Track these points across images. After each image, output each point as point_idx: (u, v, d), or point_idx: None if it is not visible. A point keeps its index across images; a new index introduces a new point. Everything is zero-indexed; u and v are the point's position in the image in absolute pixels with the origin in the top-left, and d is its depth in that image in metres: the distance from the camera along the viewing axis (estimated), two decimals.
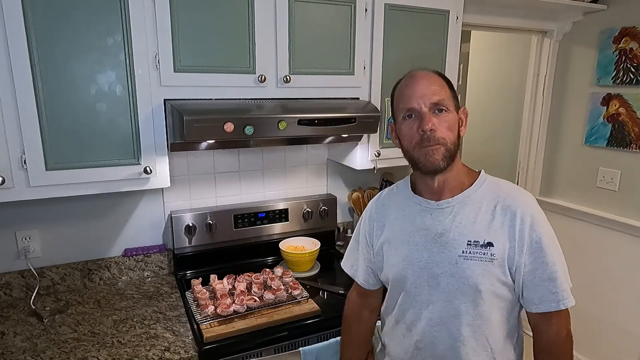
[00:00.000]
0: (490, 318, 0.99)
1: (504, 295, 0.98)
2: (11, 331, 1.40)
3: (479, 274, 0.96)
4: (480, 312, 0.98)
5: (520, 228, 0.95)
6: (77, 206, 1.68)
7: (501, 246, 0.95)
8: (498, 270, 0.96)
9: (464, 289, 0.97)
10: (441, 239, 1.00)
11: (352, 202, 2.12)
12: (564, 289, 0.96)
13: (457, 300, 0.99)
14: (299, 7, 1.54)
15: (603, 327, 2.52)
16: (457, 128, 1.00)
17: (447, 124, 0.96)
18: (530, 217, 0.96)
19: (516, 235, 0.95)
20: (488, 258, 0.95)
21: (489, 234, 0.96)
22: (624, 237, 2.37)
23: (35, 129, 1.27)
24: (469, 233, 0.98)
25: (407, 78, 1.02)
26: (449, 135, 0.96)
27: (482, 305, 0.97)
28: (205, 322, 1.39)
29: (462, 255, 0.97)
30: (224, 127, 1.34)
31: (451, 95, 1.00)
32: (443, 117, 0.96)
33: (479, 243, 0.96)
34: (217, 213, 1.84)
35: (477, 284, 0.96)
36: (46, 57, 1.25)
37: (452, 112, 0.98)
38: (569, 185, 2.65)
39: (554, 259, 0.96)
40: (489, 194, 1.00)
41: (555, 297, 0.95)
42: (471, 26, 2.37)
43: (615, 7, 2.29)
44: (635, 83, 2.23)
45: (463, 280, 0.97)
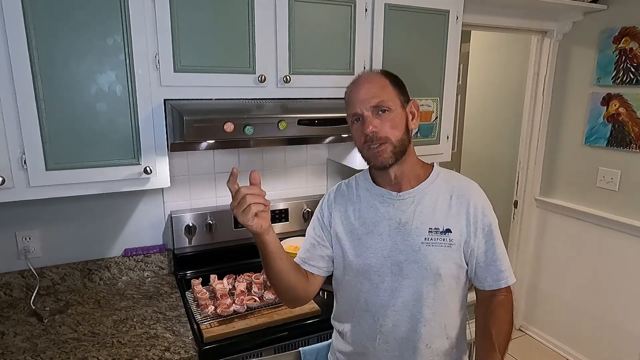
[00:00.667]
0: (447, 299, 1.08)
1: (460, 278, 1.09)
2: (11, 331, 1.40)
3: (439, 258, 1.05)
4: (440, 295, 1.07)
5: (474, 215, 1.06)
6: (77, 206, 1.68)
7: (458, 232, 1.05)
8: (456, 254, 1.06)
9: (426, 273, 1.05)
10: (404, 228, 1.07)
11: None
12: (508, 267, 1.10)
13: (419, 285, 1.06)
14: (299, 7, 1.54)
15: (603, 327, 2.52)
16: (403, 124, 1.05)
17: (390, 122, 1.02)
18: (482, 205, 1.08)
19: (471, 222, 1.06)
20: (447, 243, 1.05)
21: (447, 222, 1.06)
22: (624, 237, 2.38)
23: (35, 129, 1.27)
24: (430, 221, 1.06)
25: (352, 84, 1.09)
26: (393, 132, 1.03)
27: (441, 287, 1.06)
28: (205, 322, 1.39)
29: (425, 242, 1.05)
30: (224, 127, 1.34)
31: (395, 94, 1.04)
32: (385, 117, 1.02)
33: (439, 230, 1.05)
34: (217, 213, 1.84)
35: (438, 268, 1.05)
36: (46, 57, 1.25)
37: (395, 110, 1.03)
38: (569, 185, 2.66)
39: (500, 241, 1.09)
40: (444, 185, 1.10)
41: (503, 274, 1.08)
42: (471, 26, 2.37)
43: (615, 7, 2.30)
44: (635, 83, 2.23)
45: (425, 265, 1.05)
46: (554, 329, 2.84)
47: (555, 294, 2.80)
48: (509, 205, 2.99)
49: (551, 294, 2.83)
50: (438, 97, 1.91)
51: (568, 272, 2.70)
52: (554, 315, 2.82)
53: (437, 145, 1.96)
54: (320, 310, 1.49)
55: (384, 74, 1.08)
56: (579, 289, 2.65)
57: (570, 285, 2.70)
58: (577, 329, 2.68)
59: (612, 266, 2.45)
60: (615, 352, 2.47)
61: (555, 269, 2.78)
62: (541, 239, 2.86)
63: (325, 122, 1.50)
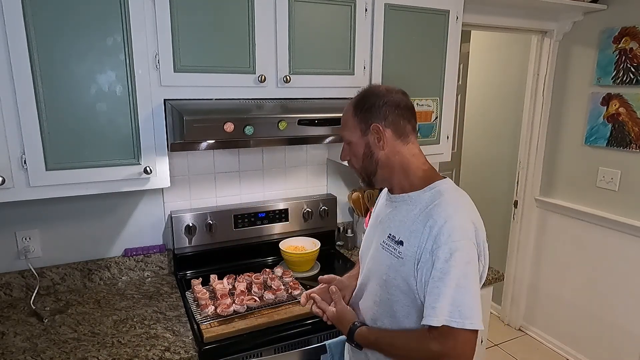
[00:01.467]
0: (395, 309, 1.06)
1: (411, 296, 1.02)
2: (11, 331, 1.40)
3: (386, 265, 1.06)
4: (387, 299, 1.07)
5: (429, 238, 0.98)
6: (77, 206, 1.68)
7: (409, 248, 1.01)
8: (404, 268, 1.02)
9: (377, 273, 1.10)
10: (380, 226, 1.14)
11: (352, 202, 2.12)
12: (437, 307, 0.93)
13: (373, 281, 1.12)
14: (299, 7, 1.54)
15: (603, 327, 2.52)
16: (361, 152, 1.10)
17: (351, 153, 1.13)
18: (445, 233, 0.96)
19: (424, 243, 0.98)
20: (396, 254, 1.04)
21: (404, 234, 1.04)
22: (624, 237, 2.38)
23: (35, 129, 1.27)
24: (393, 228, 1.08)
25: None
26: (355, 161, 1.13)
27: (387, 293, 1.07)
28: (205, 322, 1.39)
29: (382, 244, 1.09)
30: (224, 127, 1.34)
31: (356, 123, 1.09)
32: (347, 149, 1.14)
33: (395, 239, 1.06)
34: (217, 213, 1.84)
35: (383, 273, 1.07)
36: (46, 57, 1.25)
37: (354, 141, 1.11)
38: (569, 185, 2.66)
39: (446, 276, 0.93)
40: (428, 201, 1.04)
41: (427, 312, 0.95)
42: (471, 26, 2.37)
43: (615, 7, 2.30)
44: (635, 83, 2.23)
45: (377, 266, 1.10)
46: (554, 329, 2.84)
47: (555, 294, 2.80)
48: (509, 205, 2.99)
49: (551, 294, 2.83)
50: (438, 97, 1.91)
51: (568, 272, 2.70)
52: (554, 315, 2.82)
53: (437, 145, 1.96)
54: None
55: (354, 102, 1.12)
56: (579, 289, 2.65)
57: (570, 285, 2.69)
58: (577, 329, 2.68)
59: (612, 266, 2.45)
60: (615, 352, 2.47)
61: (555, 269, 2.78)
62: (541, 239, 2.86)
63: (325, 122, 1.50)
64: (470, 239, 0.97)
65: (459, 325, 0.92)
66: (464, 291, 0.93)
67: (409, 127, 1.09)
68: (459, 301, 0.93)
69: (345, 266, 1.94)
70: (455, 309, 0.92)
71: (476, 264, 0.98)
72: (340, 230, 2.16)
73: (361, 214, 2.11)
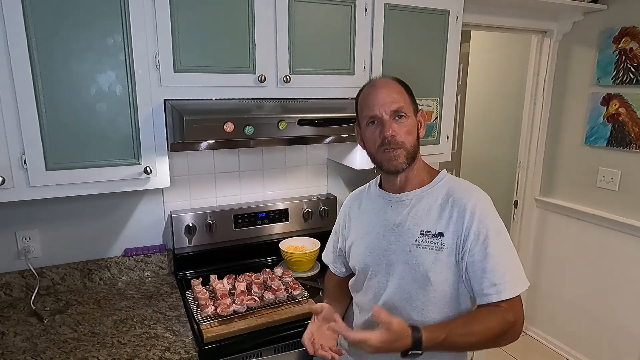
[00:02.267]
0: (439, 305, 1.05)
1: (454, 285, 1.04)
2: (11, 331, 1.40)
3: (429, 261, 1.03)
4: (430, 299, 1.05)
5: (468, 221, 1.02)
6: (77, 206, 1.68)
7: (450, 236, 1.03)
8: (447, 259, 1.03)
9: (416, 276, 1.05)
10: (398, 229, 1.10)
11: None
12: (507, 280, 0.99)
13: (409, 286, 1.07)
14: (299, 7, 1.54)
15: (603, 327, 2.52)
16: (416, 131, 1.10)
17: (406, 128, 1.07)
18: (478, 212, 1.02)
19: (463, 227, 1.02)
20: (438, 247, 1.03)
21: (440, 225, 1.04)
22: (624, 237, 2.38)
23: (35, 129, 1.27)
24: (423, 224, 1.06)
25: (369, 87, 1.12)
26: (408, 138, 1.07)
27: (431, 292, 1.05)
28: (206, 322, 1.39)
29: (415, 243, 1.06)
30: (224, 127, 1.34)
31: (410, 101, 1.10)
32: (402, 123, 1.07)
33: (431, 233, 1.05)
34: (217, 213, 1.84)
35: (427, 270, 1.04)
36: (46, 57, 1.25)
37: (411, 117, 1.08)
38: (569, 185, 2.66)
39: (498, 251, 1.00)
40: (444, 190, 1.09)
41: (496, 288, 0.98)
42: (471, 26, 2.37)
43: (615, 7, 2.29)
44: (635, 83, 2.23)
45: (415, 267, 1.05)
46: (554, 329, 2.84)
47: (555, 294, 2.80)
48: (509, 205, 2.99)
49: (551, 294, 2.83)
50: (438, 97, 1.91)
51: (568, 272, 2.70)
52: (554, 315, 2.82)
53: (437, 145, 1.96)
54: None
55: (398, 81, 1.12)
56: (579, 289, 2.65)
57: (570, 285, 2.69)
58: (577, 329, 2.67)
59: (612, 266, 2.45)
60: (615, 352, 2.47)
61: (555, 269, 2.78)
62: (541, 239, 2.86)
63: (325, 122, 1.50)
64: (496, 212, 1.06)
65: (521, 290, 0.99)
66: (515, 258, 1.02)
67: None
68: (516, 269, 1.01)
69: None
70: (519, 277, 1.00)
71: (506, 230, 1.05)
72: None
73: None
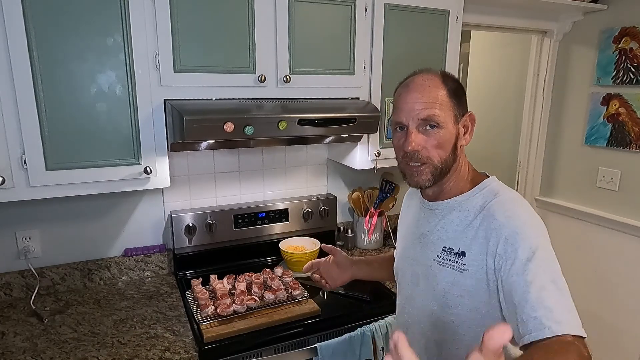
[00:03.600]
0: (460, 332, 0.90)
1: (480, 311, 0.88)
2: (11, 331, 1.40)
3: (448, 282, 0.91)
4: (448, 324, 0.92)
5: (495, 240, 0.84)
6: (77, 206, 1.68)
7: (474, 257, 0.87)
8: (470, 282, 0.87)
9: (434, 293, 0.94)
10: (424, 240, 0.99)
11: (352, 202, 2.12)
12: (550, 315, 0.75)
13: (430, 303, 0.96)
14: (299, 7, 1.54)
15: (603, 327, 2.52)
16: (452, 142, 0.92)
17: (437, 141, 0.90)
18: (511, 231, 0.83)
19: (492, 250, 0.84)
20: (459, 268, 0.89)
21: (464, 243, 0.89)
22: (624, 237, 2.37)
23: (35, 129, 1.27)
24: (447, 239, 0.93)
25: (403, 86, 0.96)
26: (437, 153, 0.91)
27: (450, 316, 0.91)
28: (205, 322, 1.39)
29: (436, 259, 0.94)
30: (224, 127, 1.34)
31: (450, 106, 0.91)
32: (433, 134, 0.90)
33: (453, 251, 0.91)
34: (217, 213, 1.84)
35: (445, 291, 0.91)
36: (46, 57, 1.25)
37: (445, 128, 0.90)
38: (569, 185, 2.65)
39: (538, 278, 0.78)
40: (481, 203, 0.91)
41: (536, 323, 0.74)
42: (471, 26, 2.37)
43: (615, 7, 2.29)
44: (635, 83, 2.23)
45: (433, 284, 0.94)
46: None
47: None
48: None
49: None
50: None
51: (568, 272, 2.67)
52: None
53: None
54: (320, 310, 1.49)
55: (443, 78, 0.93)
56: (578, 289, 2.65)
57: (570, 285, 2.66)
58: None
59: (613, 266, 2.45)
60: (615, 352, 2.47)
61: None
62: None
63: (325, 122, 1.50)
64: (545, 236, 0.84)
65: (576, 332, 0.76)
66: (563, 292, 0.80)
67: None
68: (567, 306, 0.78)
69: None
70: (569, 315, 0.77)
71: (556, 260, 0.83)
72: (340, 230, 2.15)
73: (361, 214, 2.11)
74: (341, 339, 1.43)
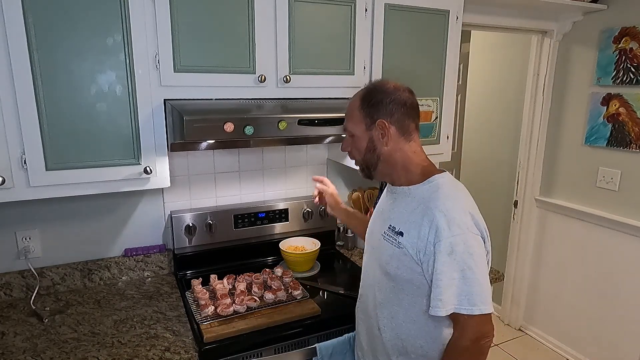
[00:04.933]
0: (399, 298, 1.11)
1: (413, 283, 1.08)
2: (11, 331, 1.40)
3: (388, 254, 1.11)
4: (390, 289, 1.13)
5: (427, 231, 1.03)
6: (77, 206, 1.68)
7: (409, 239, 1.07)
8: (406, 258, 1.07)
9: (379, 263, 1.15)
10: (381, 217, 1.21)
11: (352, 202, 2.12)
12: (443, 299, 1.00)
13: (378, 271, 1.16)
14: (299, 7, 1.54)
15: (603, 327, 2.52)
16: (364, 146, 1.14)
17: (352, 145, 1.17)
18: (437, 224, 1.02)
19: (426, 236, 1.03)
20: (397, 244, 1.09)
21: (404, 225, 1.09)
22: (624, 237, 2.38)
23: (35, 129, 1.27)
24: (393, 219, 1.13)
25: None
26: (356, 154, 1.18)
27: (390, 282, 1.12)
28: (206, 322, 1.39)
29: (383, 235, 1.14)
30: (224, 127, 1.34)
31: (361, 117, 1.13)
32: (349, 141, 1.18)
33: (395, 229, 1.11)
34: (217, 213, 1.84)
35: (386, 262, 1.12)
36: (46, 57, 1.25)
37: (357, 134, 1.15)
38: (569, 185, 2.66)
39: (445, 268, 1.00)
40: (425, 193, 1.10)
41: (440, 303, 1.01)
42: (471, 26, 2.37)
43: (615, 7, 2.30)
44: (635, 83, 2.23)
45: (379, 255, 1.16)
46: (554, 329, 2.84)
47: (555, 294, 2.80)
48: (509, 205, 2.99)
49: (551, 294, 2.83)
50: (438, 97, 1.91)
51: (568, 272, 2.70)
52: (554, 315, 2.82)
53: (437, 145, 1.96)
54: (320, 310, 1.49)
55: (361, 95, 1.15)
56: (579, 289, 2.65)
57: (570, 285, 2.69)
58: (577, 329, 2.67)
59: (612, 266, 2.45)
60: (615, 352, 2.47)
61: (555, 269, 2.78)
62: (541, 239, 2.86)
63: (325, 122, 1.50)
64: (469, 230, 1.03)
65: (468, 312, 1.00)
66: (470, 282, 1.00)
67: (413, 126, 1.14)
68: (466, 291, 1.00)
69: (345, 266, 1.94)
70: (464, 299, 1.00)
71: (481, 253, 1.03)
72: (340, 230, 2.16)
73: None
74: (340, 339, 1.44)
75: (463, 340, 1.03)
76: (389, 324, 1.15)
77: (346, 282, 1.77)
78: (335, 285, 1.72)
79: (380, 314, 1.16)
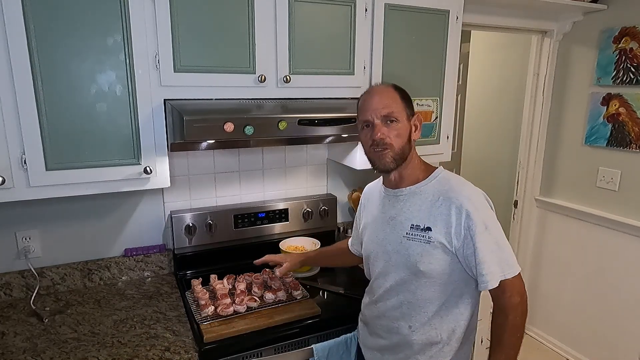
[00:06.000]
0: (432, 290, 1.16)
1: (445, 272, 1.14)
2: (11, 331, 1.40)
3: (418, 253, 1.14)
4: (422, 285, 1.16)
5: (457, 217, 1.11)
6: (77, 206, 1.68)
7: (439, 231, 1.12)
8: (436, 251, 1.13)
9: (407, 264, 1.17)
10: (392, 222, 1.21)
11: (352, 202, 2.12)
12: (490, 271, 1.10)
13: (403, 272, 1.18)
14: (299, 7, 1.54)
15: (603, 327, 2.52)
16: (407, 134, 1.19)
17: (396, 132, 1.16)
18: (466, 209, 1.10)
19: (453, 224, 1.11)
20: (426, 240, 1.13)
21: (429, 220, 1.14)
22: (624, 237, 2.38)
23: (35, 129, 1.27)
24: (413, 218, 1.17)
25: (365, 94, 1.23)
26: (397, 141, 1.16)
27: (422, 278, 1.16)
28: (206, 322, 1.39)
29: (406, 236, 1.17)
30: (224, 127, 1.34)
31: (403, 106, 1.18)
32: (392, 127, 1.16)
33: (420, 227, 1.15)
34: (217, 213, 1.84)
35: (416, 261, 1.14)
36: (46, 57, 1.25)
37: (402, 122, 1.17)
38: (569, 185, 2.66)
39: (484, 244, 1.10)
40: (438, 187, 1.18)
41: (483, 278, 1.10)
42: (471, 26, 2.37)
43: (615, 7, 2.29)
44: (635, 83, 2.23)
45: (406, 257, 1.17)
46: (554, 329, 2.84)
47: (555, 294, 2.80)
48: (509, 205, 2.99)
49: (551, 294, 2.83)
50: (438, 97, 1.91)
51: (568, 272, 2.70)
52: (554, 315, 2.82)
53: (437, 145, 1.96)
54: (320, 311, 1.49)
55: (395, 87, 1.21)
56: (579, 289, 2.65)
57: (571, 285, 2.69)
58: (577, 329, 2.67)
59: (612, 266, 2.45)
60: (615, 352, 2.47)
61: (555, 269, 2.78)
62: (541, 239, 2.86)
63: (325, 122, 1.50)
64: (487, 206, 1.16)
65: (512, 275, 1.11)
66: (503, 249, 1.12)
67: None
68: (504, 258, 1.11)
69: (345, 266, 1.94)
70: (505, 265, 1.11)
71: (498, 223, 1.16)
72: (340, 230, 2.16)
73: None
74: (337, 340, 1.44)
75: (513, 299, 1.10)
76: (420, 320, 1.18)
77: (346, 282, 1.77)
78: (335, 285, 1.72)
79: (414, 312, 1.19)
